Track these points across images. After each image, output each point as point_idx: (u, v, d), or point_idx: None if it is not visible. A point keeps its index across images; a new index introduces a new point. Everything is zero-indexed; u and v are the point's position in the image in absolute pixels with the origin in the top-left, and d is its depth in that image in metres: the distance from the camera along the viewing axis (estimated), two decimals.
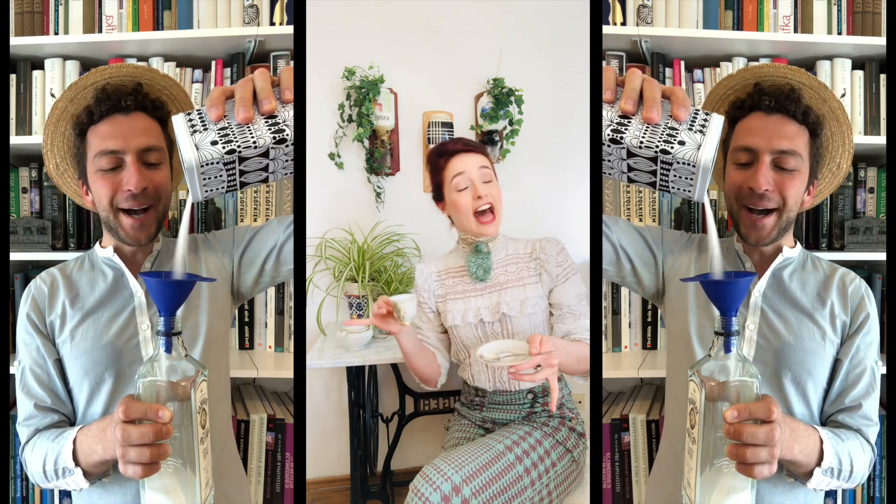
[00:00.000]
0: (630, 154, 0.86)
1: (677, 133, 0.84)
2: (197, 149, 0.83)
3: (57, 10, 1.76)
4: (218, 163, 0.84)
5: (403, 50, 2.31)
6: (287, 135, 0.86)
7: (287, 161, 0.90)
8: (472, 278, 1.48)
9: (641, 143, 0.84)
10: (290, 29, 1.71)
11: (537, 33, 2.40)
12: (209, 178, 0.85)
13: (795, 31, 1.82)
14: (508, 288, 1.45)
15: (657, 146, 0.84)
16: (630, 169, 0.88)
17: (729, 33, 1.78)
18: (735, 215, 1.09)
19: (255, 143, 0.84)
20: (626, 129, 0.85)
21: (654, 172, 0.87)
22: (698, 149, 0.83)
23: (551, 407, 1.14)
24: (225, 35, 1.73)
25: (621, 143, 0.85)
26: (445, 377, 1.53)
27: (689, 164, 0.83)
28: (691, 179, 0.85)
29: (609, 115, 0.87)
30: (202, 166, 0.83)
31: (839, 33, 1.81)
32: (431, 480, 1.20)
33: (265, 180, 0.91)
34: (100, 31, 1.77)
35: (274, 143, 0.85)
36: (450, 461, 1.24)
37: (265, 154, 0.86)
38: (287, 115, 0.87)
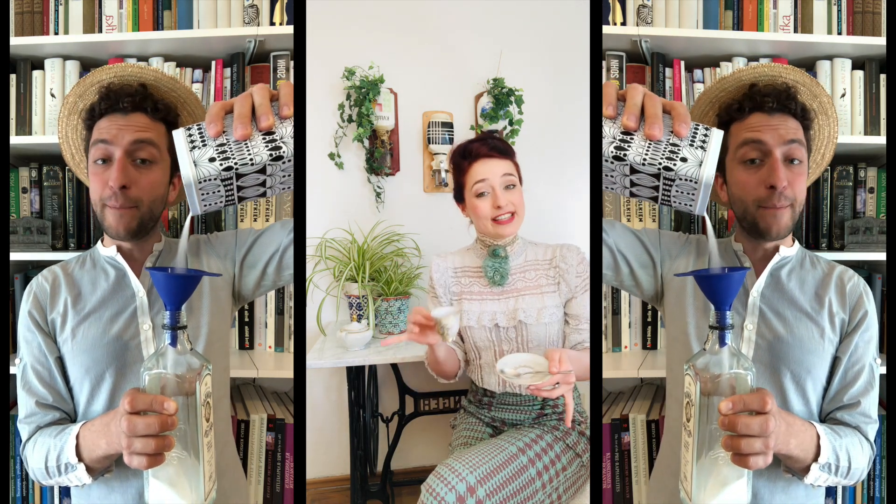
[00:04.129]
0: (633, 170, 0.87)
1: (679, 150, 0.86)
2: (195, 165, 0.84)
3: (57, 10, 1.76)
4: (215, 179, 0.85)
5: (403, 50, 2.31)
6: (284, 152, 0.87)
7: (285, 177, 0.91)
8: (489, 282, 1.46)
9: (644, 160, 0.86)
10: (290, 29, 1.71)
11: (537, 33, 2.40)
12: (207, 194, 0.87)
13: (795, 31, 1.82)
14: (526, 295, 1.43)
15: (660, 163, 0.85)
16: (633, 185, 0.90)
17: (729, 33, 1.78)
18: (752, 214, 1.07)
19: (251, 160, 0.85)
20: (629, 147, 0.87)
21: (656, 188, 0.89)
22: (700, 165, 0.85)
23: (567, 422, 1.13)
24: (225, 35, 1.73)
25: (625, 161, 0.87)
26: (464, 368, 1.54)
27: (691, 181, 0.85)
28: (693, 194, 0.87)
29: (611, 131, 0.88)
30: (200, 182, 0.85)
31: (839, 33, 1.81)
32: (446, 480, 1.19)
33: (263, 195, 0.92)
34: (100, 31, 1.77)
35: (271, 160, 0.86)
36: (464, 461, 1.23)
37: (262, 171, 0.87)
38: (285, 131, 0.88)
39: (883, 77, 1.79)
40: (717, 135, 0.87)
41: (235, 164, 0.85)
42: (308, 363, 1.73)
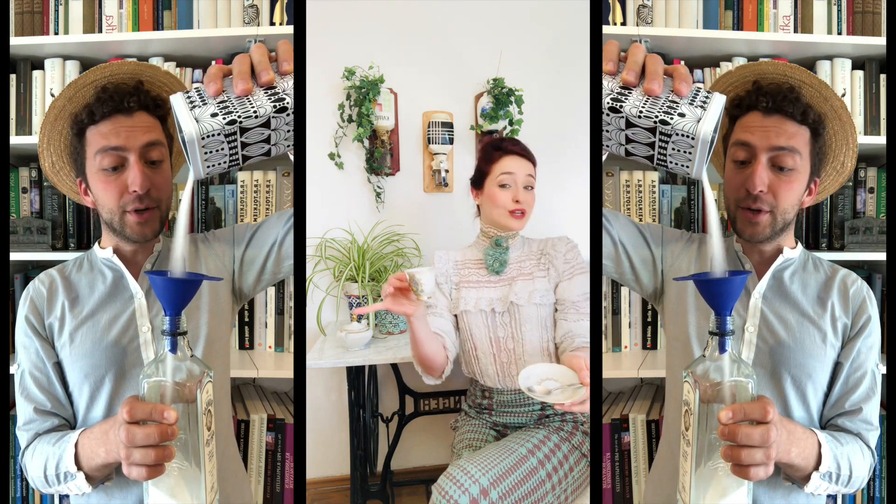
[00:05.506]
0: (629, 124, 0.85)
1: (678, 106, 0.84)
2: (197, 121, 0.82)
3: (57, 10, 1.76)
4: (219, 134, 0.83)
5: (403, 50, 2.31)
6: (287, 103, 0.85)
7: (289, 132, 0.89)
8: (488, 270, 1.52)
9: (641, 112, 0.84)
10: (290, 29, 1.71)
11: (537, 33, 2.40)
12: (211, 152, 0.84)
13: (795, 31, 1.82)
14: (519, 281, 1.49)
15: (657, 116, 0.83)
16: (628, 140, 0.87)
17: (729, 33, 1.78)
18: (732, 213, 1.08)
19: (255, 112, 0.84)
20: (626, 99, 0.85)
21: (652, 145, 0.86)
22: (698, 122, 0.82)
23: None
24: (225, 35, 1.73)
25: (621, 113, 0.84)
26: (451, 367, 1.49)
27: (688, 137, 0.82)
28: (690, 153, 0.84)
29: (610, 85, 0.86)
30: (203, 138, 0.82)
31: (839, 33, 1.81)
32: (459, 482, 1.19)
33: (268, 153, 0.90)
34: (100, 31, 1.77)
35: (275, 112, 0.85)
36: (475, 463, 1.23)
37: (266, 124, 0.86)
38: (286, 84, 0.87)
39: (883, 77, 1.79)
40: (718, 98, 0.84)
41: (239, 117, 0.83)
42: (308, 363, 1.73)
